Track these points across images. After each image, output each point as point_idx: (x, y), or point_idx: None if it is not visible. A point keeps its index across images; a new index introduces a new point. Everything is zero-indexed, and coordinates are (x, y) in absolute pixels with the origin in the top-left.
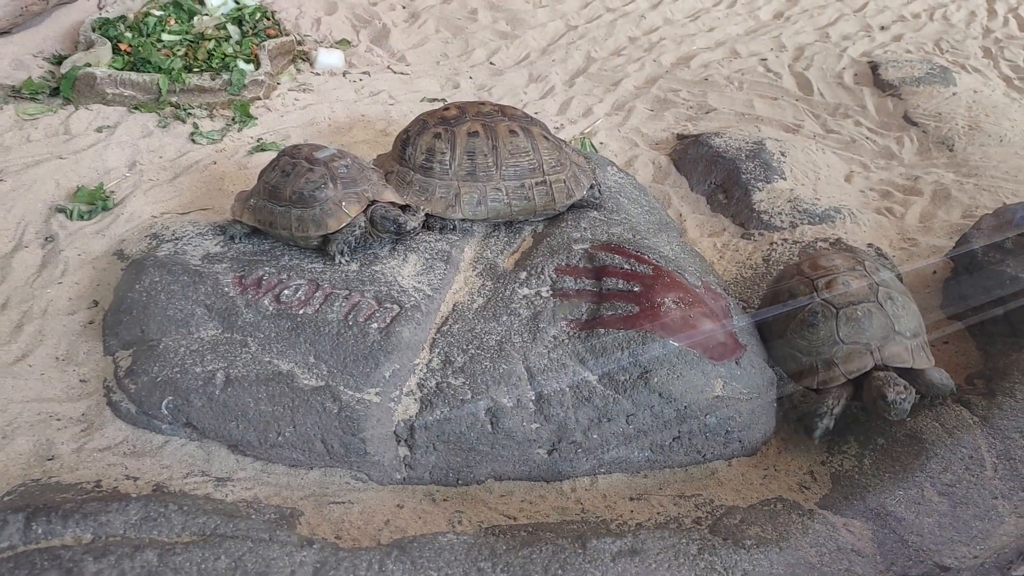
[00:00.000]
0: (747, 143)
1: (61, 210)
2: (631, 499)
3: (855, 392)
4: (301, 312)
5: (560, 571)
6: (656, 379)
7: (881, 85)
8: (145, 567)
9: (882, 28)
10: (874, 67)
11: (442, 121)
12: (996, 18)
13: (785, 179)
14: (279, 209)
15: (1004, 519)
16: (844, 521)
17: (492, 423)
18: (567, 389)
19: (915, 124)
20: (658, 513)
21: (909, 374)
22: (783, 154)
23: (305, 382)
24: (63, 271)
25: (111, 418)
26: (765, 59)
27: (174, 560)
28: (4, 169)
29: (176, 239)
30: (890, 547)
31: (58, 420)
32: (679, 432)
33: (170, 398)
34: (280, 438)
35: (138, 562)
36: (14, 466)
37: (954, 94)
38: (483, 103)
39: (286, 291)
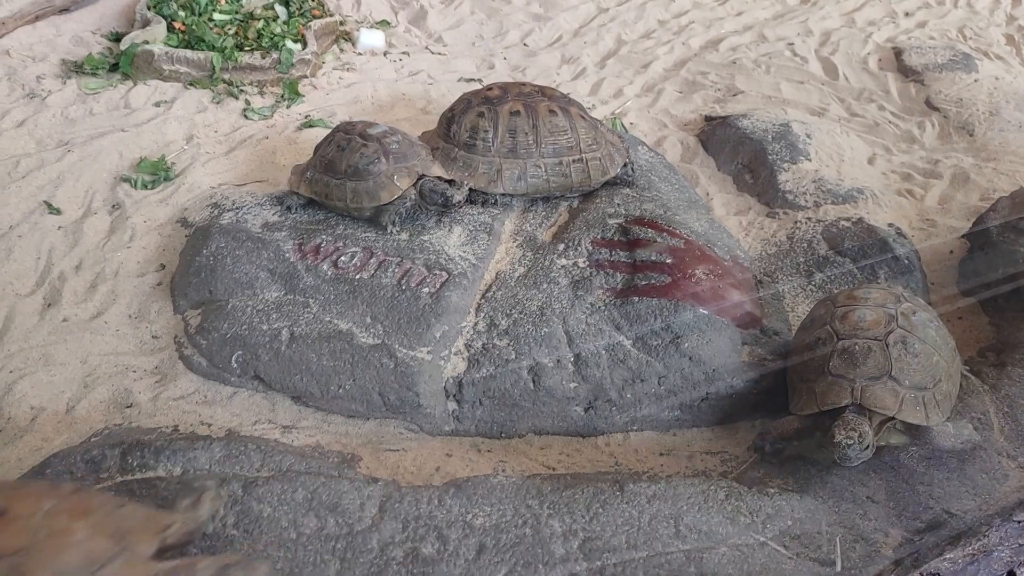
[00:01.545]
0: (774, 125)
1: (126, 180)
2: (661, 455)
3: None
4: (357, 277)
5: (601, 509)
6: (687, 344)
7: (904, 71)
8: (232, 496)
9: (907, 15)
10: (898, 53)
11: (485, 101)
12: (1020, 6)
13: (810, 160)
14: (334, 182)
15: (1009, 475)
16: (859, 476)
17: (534, 381)
18: (603, 352)
19: (937, 109)
20: (686, 467)
21: (919, 429)
22: (808, 136)
23: (363, 340)
24: (131, 236)
25: (183, 371)
26: (792, 43)
27: (257, 491)
28: (71, 140)
29: (236, 208)
30: (901, 496)
31: (134, 372)
32: (707, 393)
33: (239, 353)
34: (341, 390)
35: (225, 492)
36: (96, 412)
37: (976, 81)
38: (524, 84)
39: (343, 257)
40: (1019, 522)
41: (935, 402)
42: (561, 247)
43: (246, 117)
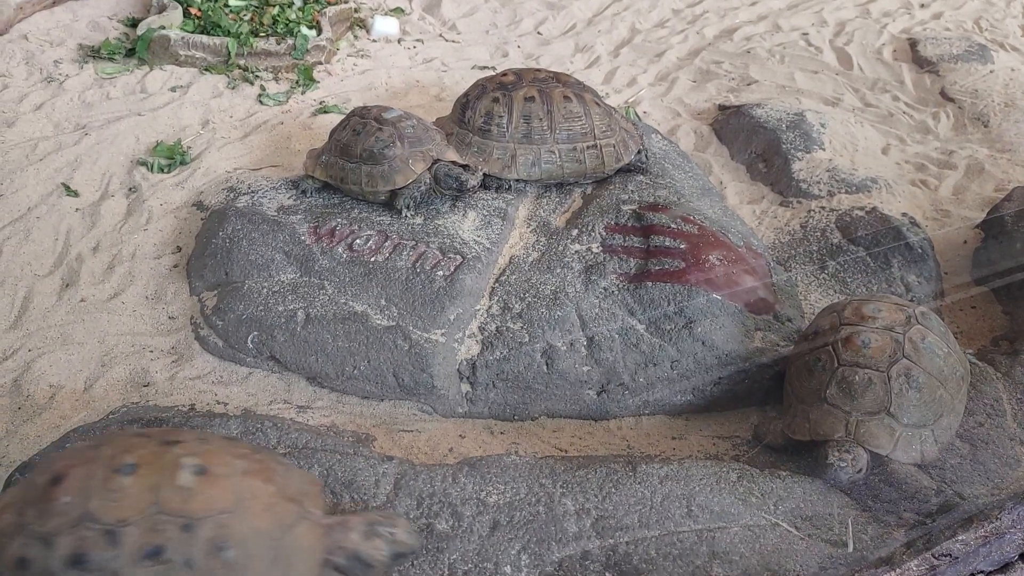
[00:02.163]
0: (788, 114)
1: (142, 163)
2: (673, 438)
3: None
4: (372, 260)
5: (613, 489)
6: (699, 328)
7: (919, 61)
8: None
9: (922, 5)
10: (913, 44)
11: (500, 86)
12: None
13: (824, 150)
14: (350, 166)
15: (1022, 461)
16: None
17: (547, 364)
18: (616, 335)
19: (952, 100)
20: (698, 451)
21: (891, 464)
22: (823, 126)
23: (378, 322)
24: (147, 219)
25: (199, 351)
26: (806, 33)
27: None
28: (88, 124)
29: (252, 192)
30: (912, 480)
31: (151, 352)
32: (719, 378)
33: (255, 333)
34: (355, 371)
35: None
36: (113, 391)
37: (991, 72)
38: (539, 70)
39: (358, 240)
40: None
41: (933, 439)
42: (575, 232)
43: (261, 102)
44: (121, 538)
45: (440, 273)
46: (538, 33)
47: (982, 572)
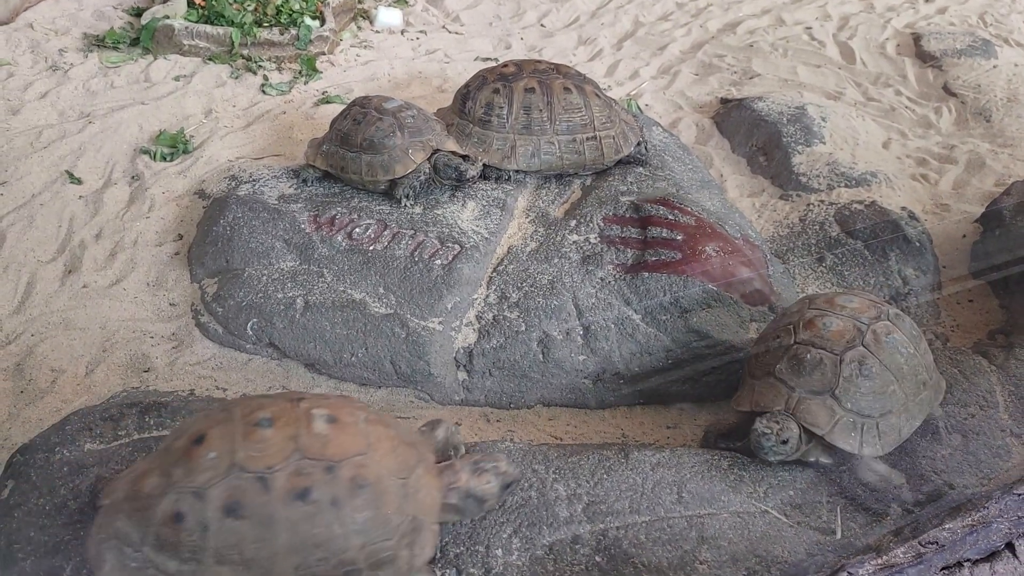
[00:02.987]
0: (789, 108)
1: (145, 151)
2: (667, 427)
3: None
4: (371, 248)
5: (605, 475)
6: (695, 319)
7: (923, 56)
8: None
9: (927, 0)
10: (917, 38)
11: (500, 77)
12: None
13: (824, 143)
14: (350, 155)
15: (1012, 453)
16: None
17: (543, 353)
18: (612, 325)
19: (954, 95)
20: (692, 440)
21: (854, 460)
22: (824, 119)
23: (376, 310)
24: (150, 207)
25: (199, 337)
26: (810, 27)
27: None
28: (92, 112)
29: (253, 181)
30: (903, 469)
31: (151, 338)
32: (713, 368)
33: (255, 320)
34: (353, 358)
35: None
36: (114, 376)
37: (994, 67)
38: (539, 61)
39: (357, 229)
40: (1019, 495)
41: (876, 432)
42: (573, 223)
43: (264, 92)
44: (271, 483)
45: (438, 262)
46: (541, 25)
47: (968, 560)
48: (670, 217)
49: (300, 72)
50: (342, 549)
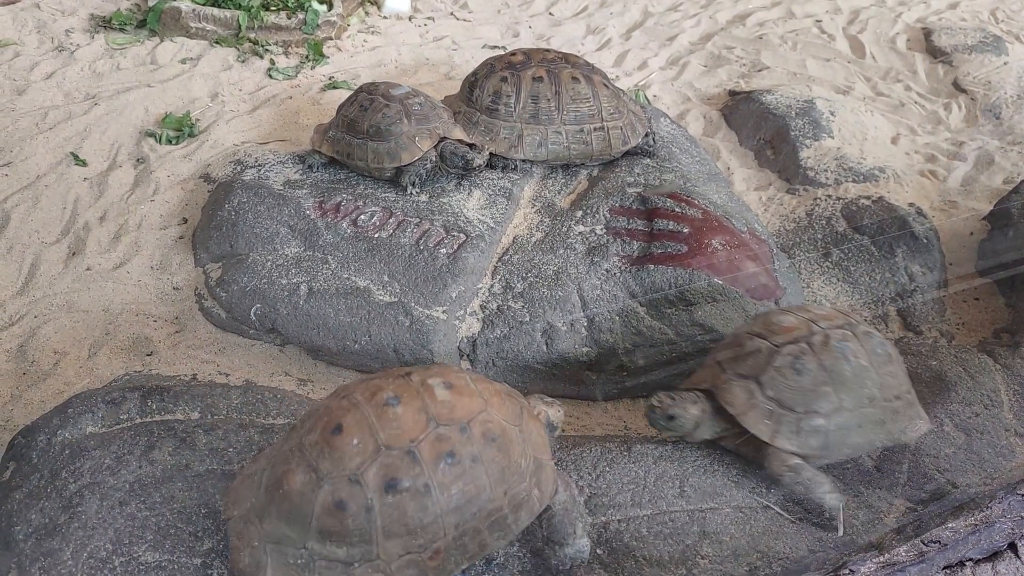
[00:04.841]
0: (798, 101)
1: (151, 135)
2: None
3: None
4: (376, 236)
5: (607, 468)
6: (699, 312)
7: (933, 51)
8: (249, 441)
9: None
10: (927, 33)
11: (509, 66)
12: None
13: (833, 138)
14: (356, 141)
15: (1016, 453)
16: None
17: (547, 344)
18: (616, 317)
19: (964, 91)
20: None
21: (765, 448)
22: (832, 114)
23: (380, 297)
24: (154, 190)
25: (203, 322)
26: (820, 21)
27: (273, 437)
28: (98, 94)
29: (259, 166)
30: (907, 466)
31: (155, 321)
32: None
33: (258, 306)
34: (356, 346)
35: (243, 437)
36: (117, 359)
37: (1005, 64)
38: (548, 50)
39: (362, 216)
40: (1023, 495)
41: (795, 428)
42: (579, 214)
43: (270, 77)
44: (419, 454)
45: (443, 251)
46: (550, 14)
47: (971, 560)
48: (677, 210)
49: (307, 57)
50: (489, 499)
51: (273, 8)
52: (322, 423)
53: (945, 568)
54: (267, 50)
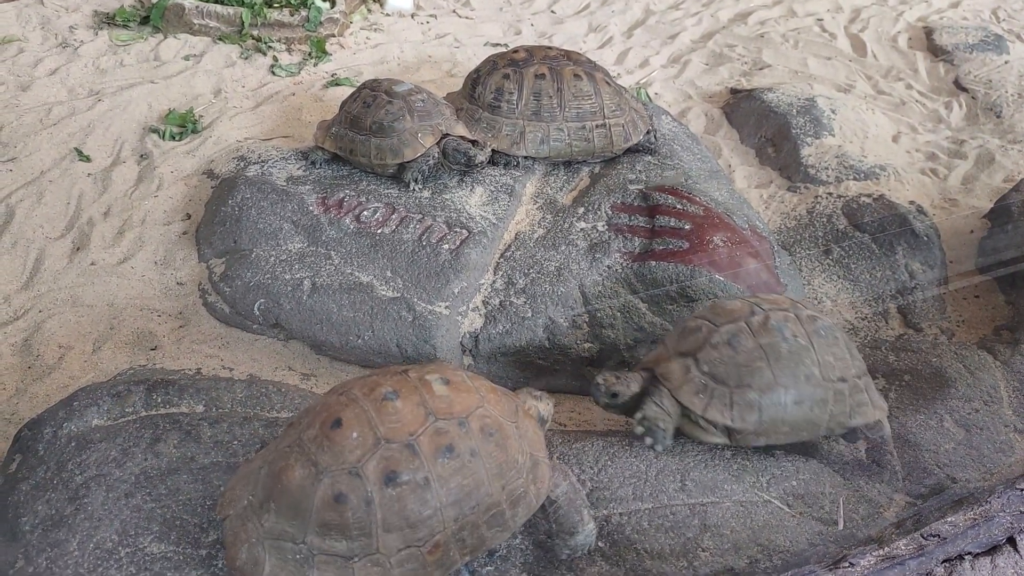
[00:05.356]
0: (799, 99)
1: (154, 130)
2: None
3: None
4: (379, 231)
5: (609, 462)
6: (701, 309)
7: (934, 50)
8: (253, 434)
9: None
10: (929, 32)
11: (511, 63)
12: None
13: (834, 136)
14: (359, 138)
15: (1015, 448)
16: (865, 443)
17: (549, 339)
18: (618, 313)
19: (965, 90)
20: None
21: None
22: (833, 112)
23: (383, 293)
24: (158, 186)
25: (206, 317)
26: (821, 19)
27: (277, 431)
28: (101, 90)
29: (262, 162)
30: (906, 462)
31: (159, 316)
32: None
33: (262, 301)
34: (359, 341)
35: (247, 430)
36: (121, 353)
37: (1006, 62)
38: (550, 47)
39: (365, 212)
40: (1021, 490)
41: (728, 400)
42: (581, 211)
43: (274, 73)
44: (418, 447)
45: (446, 247)
46: (552, 12)
47: (970, 554)
48: (678, 206)
49: (310, 54)
50: (487, 494)
51: (276, 5)
52: (321, 418)
53: (944, 562)
54: (270, 47)
